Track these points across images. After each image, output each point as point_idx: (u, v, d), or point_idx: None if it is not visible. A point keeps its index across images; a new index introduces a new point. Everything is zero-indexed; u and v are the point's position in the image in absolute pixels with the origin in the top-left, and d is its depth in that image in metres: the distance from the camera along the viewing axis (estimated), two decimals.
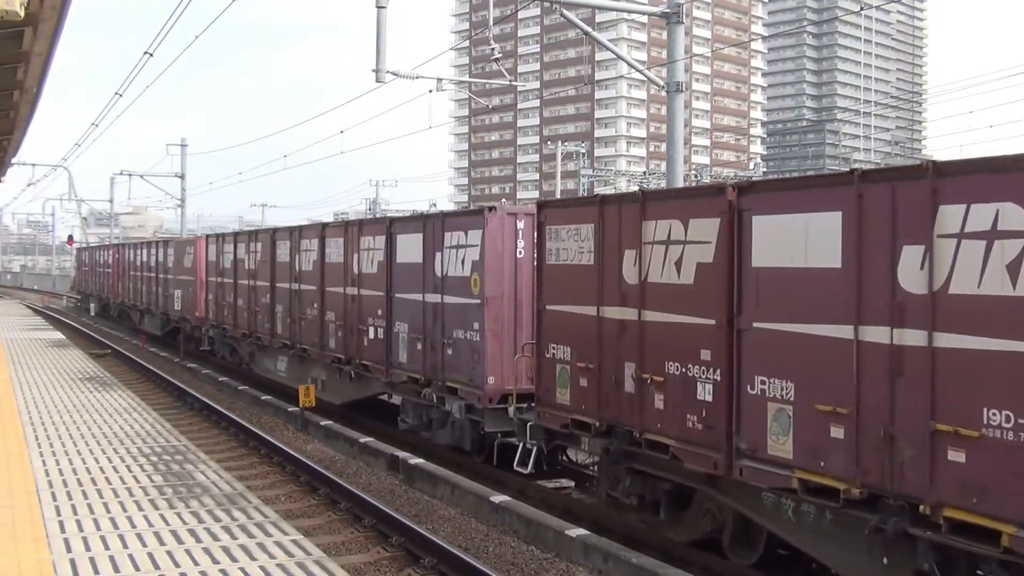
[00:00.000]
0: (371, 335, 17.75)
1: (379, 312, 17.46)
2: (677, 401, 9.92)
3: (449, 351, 15.03)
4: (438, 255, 15.38)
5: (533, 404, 12.59)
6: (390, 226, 17.37)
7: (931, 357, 7.50)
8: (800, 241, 8.61)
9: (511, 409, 13.25)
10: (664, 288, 10.21)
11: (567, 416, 11.67)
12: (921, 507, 7.56)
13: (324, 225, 21.10)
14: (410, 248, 16.45)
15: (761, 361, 8.95)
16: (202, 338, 29.65)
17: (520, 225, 14.42)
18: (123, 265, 42.75)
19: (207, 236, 30.32)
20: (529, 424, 12.45)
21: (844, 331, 8.18)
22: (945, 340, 7.41)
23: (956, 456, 7.29)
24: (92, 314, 49.99)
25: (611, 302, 10.98)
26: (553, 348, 12.04)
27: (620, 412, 10.80)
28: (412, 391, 16.37)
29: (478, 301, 14.30)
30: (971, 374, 7.25)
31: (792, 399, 8.61)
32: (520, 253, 14.28)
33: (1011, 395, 6.99)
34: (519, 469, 12.74)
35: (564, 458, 14.37)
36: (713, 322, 9.49)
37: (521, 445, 12.70)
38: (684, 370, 9.83)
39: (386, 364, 17.20)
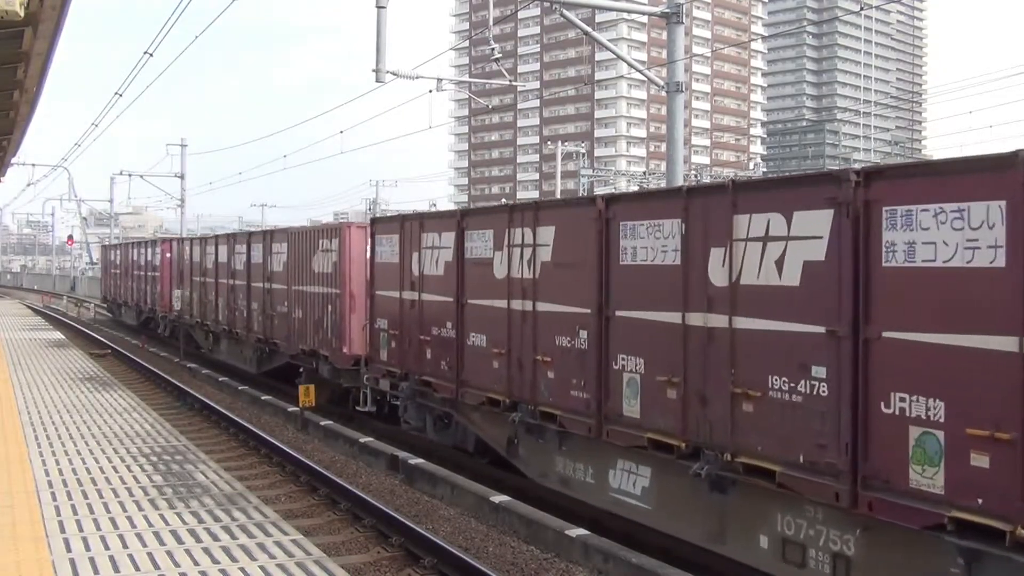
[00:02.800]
0: None
1: None
2: None
3: None
4: None
5: None
6: None
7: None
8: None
9: None
10: None
11: None
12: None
13: (867, 173, 8.04)
14: None
15: None
16: (361, 393, 18.05)
17: None
18: (182, 268, 32.18)
19: (375, 220, 17.84)
20: None
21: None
22: None
23: None
24: (91, 315, 49.89)
25: None
26: None
27: None
28: None
29: None
30: None
31: None
32: None
33: None
34: None
35: None
36: None
37: None
38: None
39: None
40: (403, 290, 15.78)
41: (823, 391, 8.19)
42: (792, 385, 8.53)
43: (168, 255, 34.30)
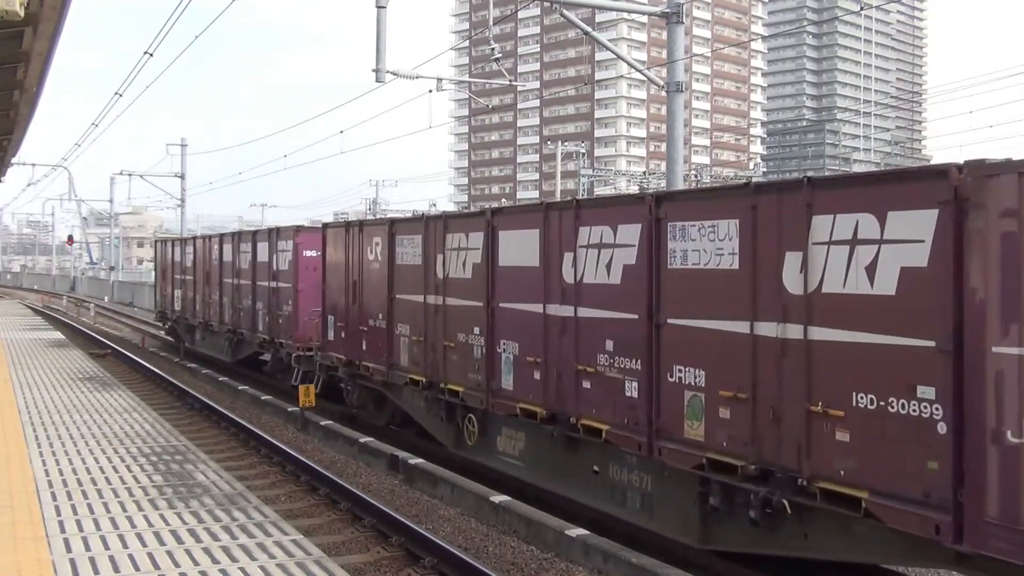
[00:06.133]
0: None
1: None
2: None
3: None
4: None
5: None
6: None
7: None
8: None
9: None
10: None
11: None
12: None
13: None
14: None
15: None
16: None
17: None
18: (356, 275, 17.70)
19: None
20: None
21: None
22: None
23: None
24: (92, 314, 49.69)
25: None
26: None
27: None
28: None
29: None
30: None
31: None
32: None
33: None
34: None
35: None
36: None
37: None
38: None
39: None
40: None
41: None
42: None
43: (310, 252, 21.09)
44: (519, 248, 12.77)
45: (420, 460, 14.46)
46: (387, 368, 16.49)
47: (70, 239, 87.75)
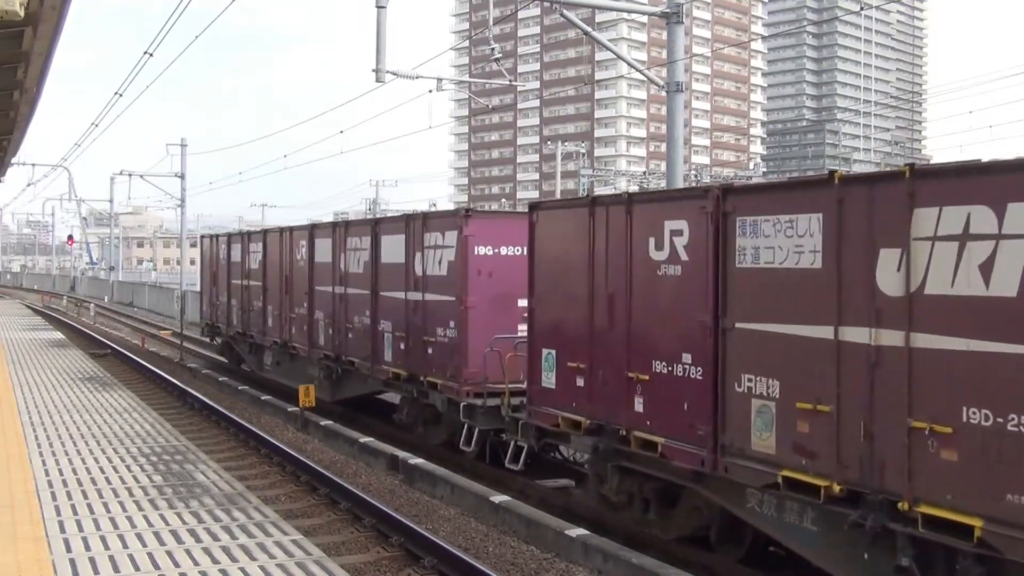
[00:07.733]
0: None
1: None
2: None
3: None
4: None
5: None
6: None
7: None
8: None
9: None
10: None
11: None
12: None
13: None
14: None
15: None
16: None
17: None
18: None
19: None
20: None
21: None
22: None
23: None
24: (92, 314, 49.65)
25: None
26: None
27: None
28: None
29: None
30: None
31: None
32: None
33: None
34: None
35: None
36: None
37: None
38: None
39: None
40: None
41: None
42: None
43: (484, 249, 15.04)
44: None
45: (420, 460, 14.45)
46: (709, 451, 9.56)
47: (70, 239, 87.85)
